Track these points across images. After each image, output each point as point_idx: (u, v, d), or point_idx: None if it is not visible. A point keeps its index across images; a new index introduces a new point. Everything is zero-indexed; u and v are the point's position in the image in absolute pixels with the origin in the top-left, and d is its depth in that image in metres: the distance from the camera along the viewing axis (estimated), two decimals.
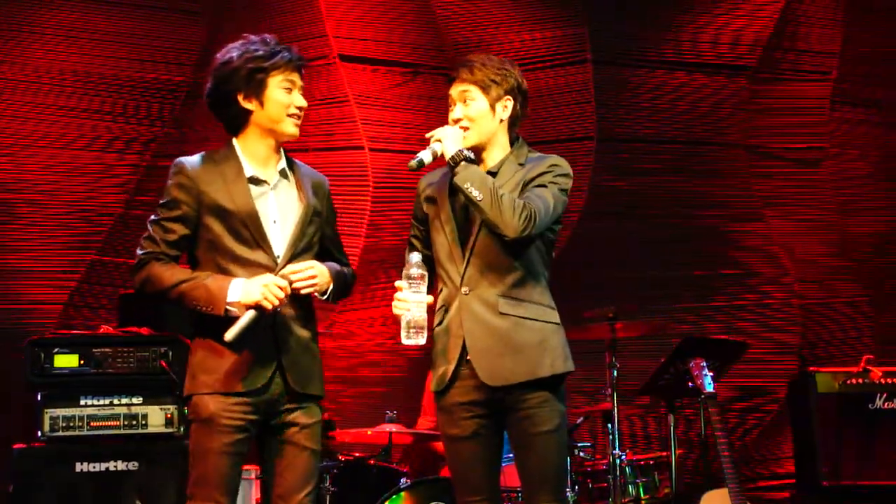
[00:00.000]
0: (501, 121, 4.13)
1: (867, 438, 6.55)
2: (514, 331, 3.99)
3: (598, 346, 6.31)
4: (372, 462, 6.14)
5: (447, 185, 4.10)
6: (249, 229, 3.83)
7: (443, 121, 7.33)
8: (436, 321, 4.12)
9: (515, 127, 4.19)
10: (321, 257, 4.00)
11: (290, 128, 3.93)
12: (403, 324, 3.91)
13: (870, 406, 6.61)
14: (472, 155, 4.02)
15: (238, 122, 3.93)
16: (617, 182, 7.84)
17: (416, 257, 3.98)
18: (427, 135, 4.05)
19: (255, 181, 3.91)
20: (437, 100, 7.79)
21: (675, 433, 6.22)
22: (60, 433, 5.35)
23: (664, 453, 6.31)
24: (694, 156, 7.99)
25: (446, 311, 4.08)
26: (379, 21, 7.78)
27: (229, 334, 3.71)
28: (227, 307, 3.76)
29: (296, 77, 3.93)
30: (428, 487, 5.79)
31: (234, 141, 3.95)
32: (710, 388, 5.55)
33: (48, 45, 7.25)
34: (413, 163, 3.96)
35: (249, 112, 3.89)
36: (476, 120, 4.09)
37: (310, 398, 3.93)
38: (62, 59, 7.27)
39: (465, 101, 4.10)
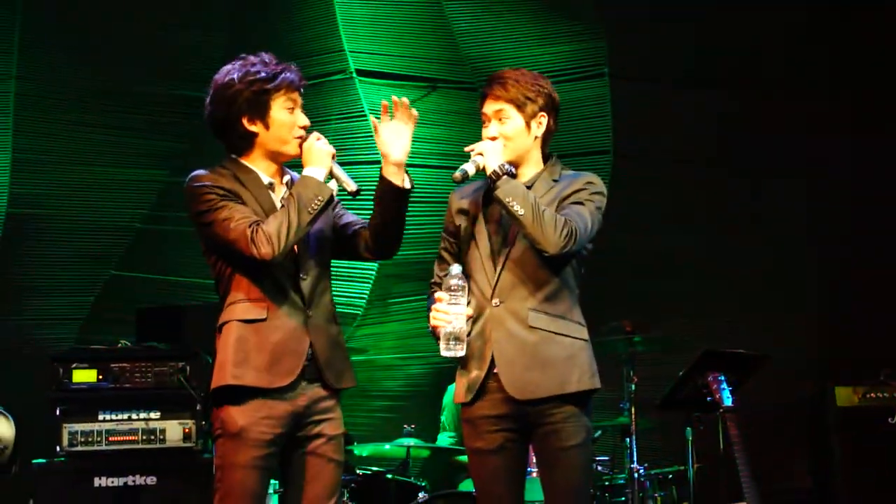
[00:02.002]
0: (536, 137, 4.12)
1: (887, 453, 6.52)
2: (543, 345, 3.97)
3: (615, 360, 6.30)
4: (390, 476, 6.14)
5: (480, 198, 4.12)
6: None
7: (460, 135, 7.32)
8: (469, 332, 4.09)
9: (548, 142, 4.18)
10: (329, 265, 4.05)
11: (294, 149, 3.93)
12: (443, 335, 3.91)
13: (889, 420, 6.58)
14: (513, 169, 4.01)
15: (243, 144, 3.93)
16: (633, 197, 7.83)
17: (456, 269, 3.98)
18: (466, 148, 4.05)
19: (269, 186, 3.94)
20: (454, 115, 7.80)
21: (694, 447, 6.20)
22: (79, 448, 5.36)
23: (682, 467, 6.30)
24: (710, 171, 7.98)
25: (474, 322, 4.05)
26: (396, 36, 7.80)
27: (352, 185, 3.94)
28: (327, 184, 3.88)
29: (297, 96, 3.93)
30: (446, 502, 5.79)
31: (239, 159, 3.95)
32: (728, 402, 5.54)
33: (67, 62, 7.29)
34: (457, 174, 3.97)
35: (255, 135, 3.90)
36: (512, 138, 4.07)
37: (338, 397, 3.93)
38: (82, 76, 7.31)
39: (500, 120, 4.07)
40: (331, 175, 3.92)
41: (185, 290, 7.36)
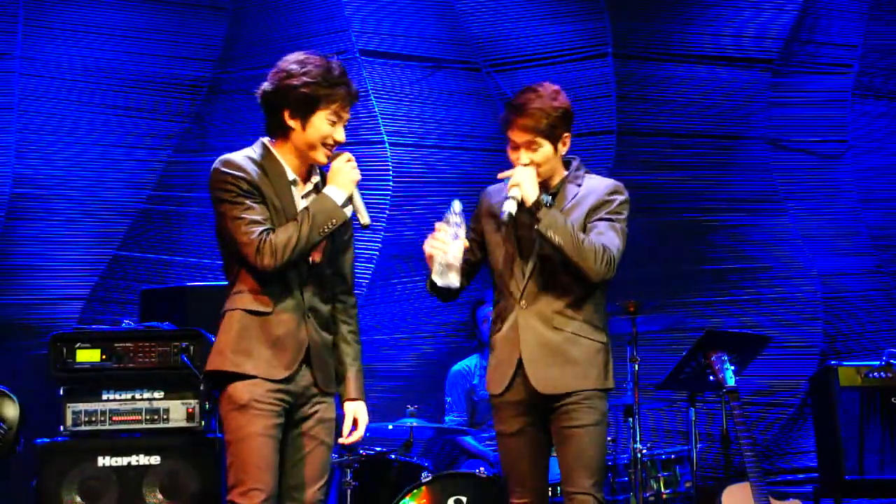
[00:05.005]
0: (560, 154, 4.39)
1: (890, 432, 6.52)
2: (566, 345, 4.29)
3: (618, 341, 6.30)
4: (393, 457, 6.15)
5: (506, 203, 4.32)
6: None
7: (463, 115, 7.30)
8: (494, 330, 4.43)
9: (567, 151, 4.43)
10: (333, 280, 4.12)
11: (321, 157, 4.01)
12: (437, 264, 4.15)
13: (892, 400, 6.57)
14: (551, 199, 4.30)
15: (278, 131, 4.00)
16: (637, 176, 7.82)
17: (458, 206, 4.20)
18: (500, 175, 4.30)
19: (293, 183, 4.01)
20: (457, 94, 7.78)
21: (696, 427, 6.22)
22: (83, 428, 5.36)
23: (685, 447, 6.30)
24: (715, 150, 7.97)
25: (504, 321, 4.38)
26: (399, 15, 7.78)
27: (366, 218, 4.00)
28: (343, 209, 3.94)
29: (345, 113, 4.01)
30: (448, 482, 5.80)
31: (270, 144, 4.02)
32: (731, 382, 5.54)
33: (70, 42, 7.28)
34: (505, 217, 4.20)
35: (290, 129, 3.97)
36: (543, 164, 4.32)
37: (329, 395, 4.06)
38: (84, 56, 7.30)
39: (530, 149, 4.30)
40: (350, 200, 3.98)
41: (187, 271, 7.36)
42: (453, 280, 4.17)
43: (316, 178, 4.07)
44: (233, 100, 7.51)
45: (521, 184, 4.21)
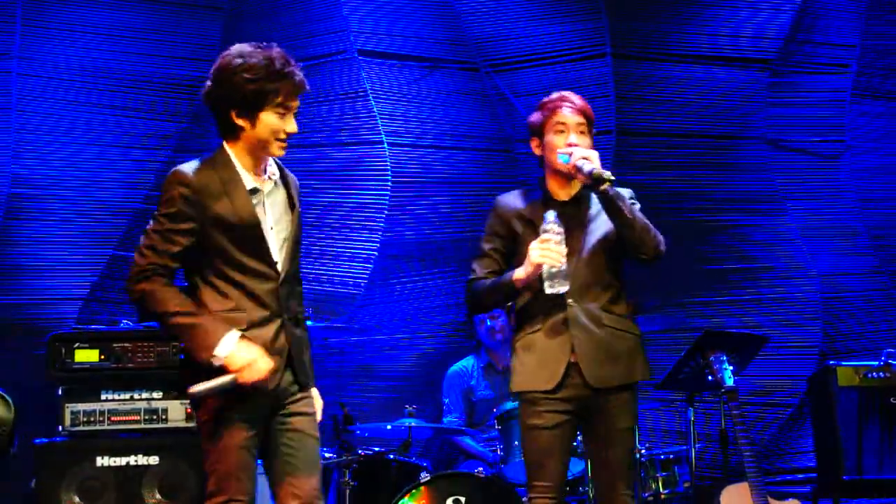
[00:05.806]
0: None
1: (889, 432, 6.52)
2: (613, 341, 4.47)
3: None
4: (392, 457, 6.15)
5: (539, 206, 4.46)
6: (252, 239, 3.89)
7: (462, 116, 7.30)
8: (526, 330, 4.51)
9: None
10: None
11: (276, 151, 3.94)
12: (549, 273, 4.28)
13: (891, 400, 6.57)
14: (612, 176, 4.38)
15: (229, 132, 3.94)
16: (635, 176, 7.81)
17: (552, 215, 4.30)
18: (563, 150, 4.39)
19: (253, 191, 3.95)
20: (455, 95, 7.78)
21: (695, 427, 6.22)
22: (81, 428, 5.38)
23: (684, 447, 6.30)
24: (713, 150, 7.97)
25: (543, 320, 4.45)
26: (397, 15, 7.77)
27: (197, 388, 3.74)
28: (212, 357, 3.77)
29: (293, 103, 3.92)
30: (447, 482, 5.80)
31: (227, 146, 3.96)
32: (729, 382, 5.54)
33: (68, 42, 7.28)
34: (594, 173, 4.30)
35: (240, 128, 3.90)
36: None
37: (306, 389, 4.05)
38: (81, 56, 7.30)
39: (581, 134, 4.46)
40: (227, 375, 3.79)
41: None
42: (565, 286, 4.29)
43: (275, 175, 4.02)
44: None
45: (591, 157, 4.34)
